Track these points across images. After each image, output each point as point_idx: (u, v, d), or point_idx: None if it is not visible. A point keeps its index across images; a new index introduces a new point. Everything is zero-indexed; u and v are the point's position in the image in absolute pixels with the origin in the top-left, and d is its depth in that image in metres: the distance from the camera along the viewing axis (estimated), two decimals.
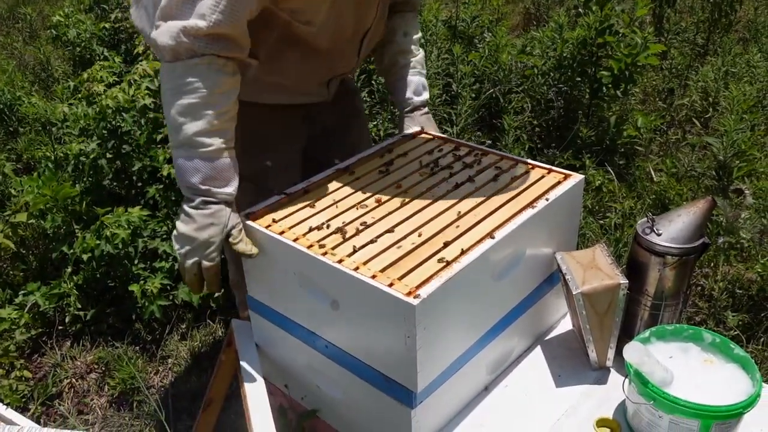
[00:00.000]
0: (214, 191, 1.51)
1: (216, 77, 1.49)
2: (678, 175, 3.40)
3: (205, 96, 1.48)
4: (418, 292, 1.32)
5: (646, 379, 1.42)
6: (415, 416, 1.44)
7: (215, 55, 1.48)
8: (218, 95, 1.50)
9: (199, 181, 1.50)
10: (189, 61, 1.48)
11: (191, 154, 1.50)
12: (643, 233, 1.60)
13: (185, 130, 1.49)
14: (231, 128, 1.54)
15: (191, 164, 1.51)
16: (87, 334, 2.62)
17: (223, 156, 1.52)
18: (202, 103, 1.49)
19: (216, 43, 1.48)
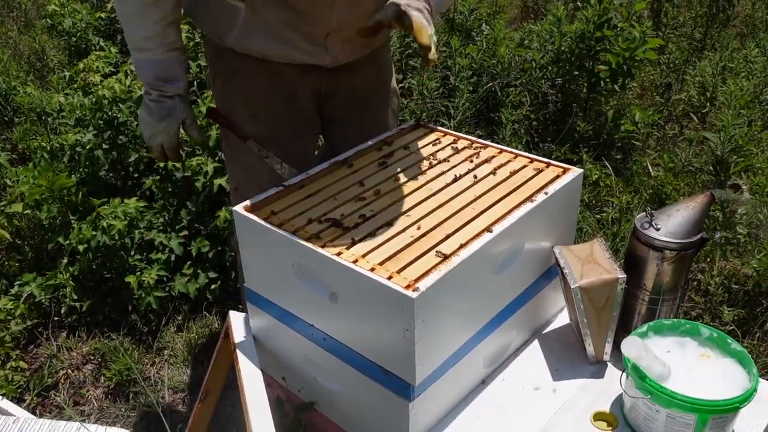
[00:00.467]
0: (166, 87, 1.78)
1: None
2: (675, 170, 3.41)
3: (140, 8, 1.69)
4: (417, 285, 1.32)
5: (643, 374, 1.42)
6: (413, 409, 1.44)
7: None
8: (150, 6, 1.68)
9: (152, 78, 1.77)
10: None
11: (142, 56, 1.76)
12: (641, 228, 1.60)
13: (132, 35, 1.75)
14: (172, 32, 1.75)
15: (143, 63, 1.76)
16: (83, 326, 2.61)
17: (168, 57, 1.76)
18: (137, 13, 1.70)
19: None
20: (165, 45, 1.74)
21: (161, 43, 1.73)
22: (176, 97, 1.80)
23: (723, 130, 2.92)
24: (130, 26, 1.74)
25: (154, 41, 1.73)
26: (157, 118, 1.80)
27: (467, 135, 1.93)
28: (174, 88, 1.79)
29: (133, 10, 1.70)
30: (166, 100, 1.79)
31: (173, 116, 1.81)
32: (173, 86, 1.79)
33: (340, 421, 1.67)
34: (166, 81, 1.77)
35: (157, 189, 2.78)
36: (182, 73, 1.81)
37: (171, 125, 1.82)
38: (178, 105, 1.81)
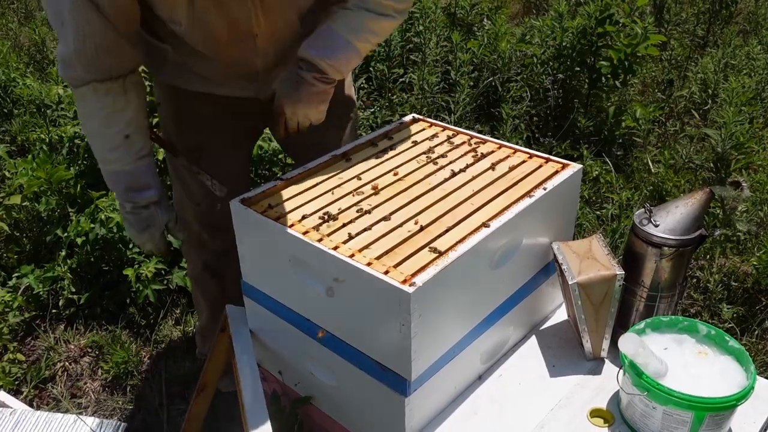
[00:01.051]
0: (138, 198, 1.69)
1: (104, 100, 1.56)
2: (676, 166, 3.40)
3: (101, 119, 1.59)
4: (414, 280, 1.31)
5: (640, 370, 1.41)
6: (408, 404, 1.43)
7: (96, 81, 1.52)
8: (113, 115, 1.58)
9: (123, 190, 1.68)
10: (78, 89, 1.55)
11: (108, 168, 1.66)
12: (640, 224, 1.59)
13: (96, 148, 1.66)
14: (138, 139, 1.63)
15: (111, 176, 1.67)
16: (81, 318, 2.60)
17: (137, 166, 1.65)
18: (100, 126, 1.60)
19: (91, 68, 1.51)
20: (131, 155, 1.64)
21: (127, 153, 1.63)
22: (151, 206, 1.71)
23: (724, 127, 2.91)
24: (94, 140, 1.66)
25: (119, 152, 1.62)
26: (138, 230, 1.73)
27: (467, 130, 1.92)
28: (147, 198, 1.69)
29: (96, 123, 1.60)
30: (141, 210, 1.70)
31: (153, 225, 1.73)
32: (146, 196, 1.69)
33: (336, 416, 1.67)
34: (137, 191, 1.68)
35: None
36: (153, 179, 1.70)
37: (153, 234, 1.74)
38: (155, 213, 1.72)
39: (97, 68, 1.51)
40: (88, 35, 1.45)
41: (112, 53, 1.51)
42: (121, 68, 1.55)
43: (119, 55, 1.53)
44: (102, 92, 1.54)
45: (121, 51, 1.53)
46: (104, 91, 1.54)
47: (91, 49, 1.47)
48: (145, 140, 1.66)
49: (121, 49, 1.52)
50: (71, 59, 1.49)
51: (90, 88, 1.53)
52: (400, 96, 3.77)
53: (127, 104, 1.58)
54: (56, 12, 1.46)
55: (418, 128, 1.94)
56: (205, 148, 1.88)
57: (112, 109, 1.57)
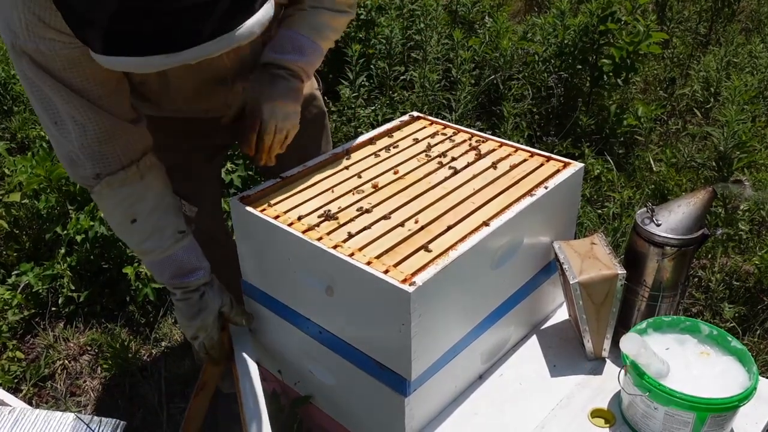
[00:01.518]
0: (186, 282, 1.55)
1: (123, 194, 1.45)
2: (678, 165, 3.38)
3: (123, 214, 1.48)
4: (414, 280, 1.30)
5: (642, 371, 1.40)
6: (408, 404, 1.43)
7: (109, 175, 1.42)
8: (135, 205, 1.47)
9: (168, 279, 1.55)
10: (94, 190, 1.45)
11: (147, 259, 1.54)
12: (642, 223, 1.58)
13: (130, 244, 1.55)
14: (170, 220, 1.51)
15: (153, 266, 1.55)
16: (80, 316, 2.59)
17: (177, 249, 1.53)
18: (126, 220, 1.48)
19: (99, 162, 1.41)
20: (165, 239, 1.50)
21: (161, 240, 1.50)
22: (202, 288, 1.57)
23: (727, 125, 2.89)
24: (124, 236, 1.55)
25: (152, 241, 1.50)
26: (189, 318, 1.58)
27: (468, 128, 1.91)
28: (196, 280, 1.55)
29: (121, 218, 1.48)
30: (191, 295, 1.56)
31: (204, 310, 1.58)
32: (194, 278, 1.55)
33: (336, 415, 1.66)
34: (183, 276, 1.54)
35: None
36: (198, 260, 1.56)
37: (206, 320, 1.58)
38: (207, 295, 1.57)
39: (106, 160, 1.41)
40: (88, 126, 1.35)
41: (116, 139, 1.40)
42: (130, 154, 1.44)
43: (123, 142, 1.42)
44: (117, 185, 1.43)
45: (126, 134, 1.43)
46: (119, 183, 1.43)
47: (95, 142, 1.38)
48: (178, 220, 1.53)
49: (126, 133, 1.42)
50: (77, 156, 1.39)
51: (104, 183, 1.42)
52: (401, 94, 3.75)
53: (146, 190, 1.47)
54: (50, 113, 1.35)
55: (418, 126, 1.93)
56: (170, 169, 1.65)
57: (133, 200, 1.46)
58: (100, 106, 1.36)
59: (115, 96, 1.39)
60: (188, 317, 1.58)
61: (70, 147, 1.39)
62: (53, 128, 1.38)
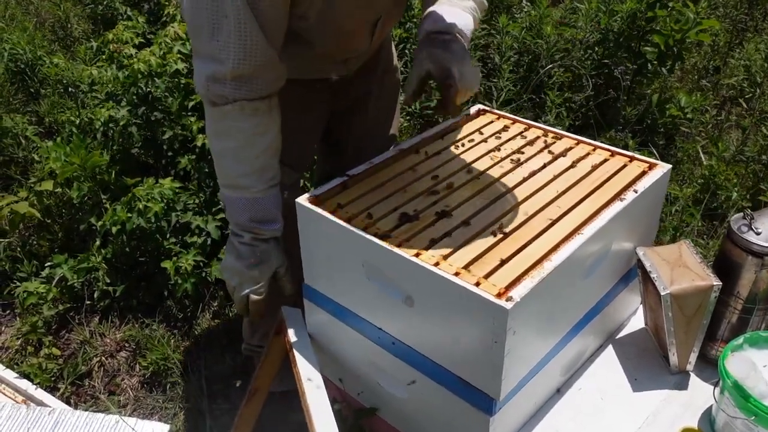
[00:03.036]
0: (262, 229, 1.53)
1: (250, 120, 1.45)
2: (726, 158, 3.26)
3: (242, 140, 1.47)
4: (510, 294, 1.20)
5: (747, 393, 1.30)
6: (493, 423, 1.33)
7: (245, 100, 1.43)
8: (256, 137, 1.47)
9: (246, 220, 1.52)
10: (222, 108, 1.44)
11: (236, 194, 1.51)
12: (738, 230, 1.47)
13: (228, 172, 1.51)
14: (274, 164, 1.52)
15: (237, 203, 1.52)
16: (116, 311, 2.51)
17: (267, 195, 1.52)
18: (240, 146, 1.47)
19: (244, 86, 1.42)
20: (264, 181, 1.50)
21: (260, 180, 1.50)
22: (272, 241, 1.55)
23: None
24: (226, 162, 1.51)
25: (252, 178, 1.49)
26: (248, 265, 1.53)
27: (540, 123, 1.80)
28: (271, 231, 1.54)
29: (236, 144, 1.48)
30: (260, 243, 1.53)
31: (266, 262, 1.54)
32: (270, 228, 1.53)
33: (405, 429, 1.57)
34: (261, 222, 1.52)
35: (193, 169, 2.67)
36: (279, 212, 1.56)
37: (263, 273, 1.55)
38: (274, 250, 1.55)
39: (251, 86, 1.42)
40: (250, 52, 1.37)
41: (268, 70, 1.42)
42: (272, 86, 1.46)
43: (272, 73, 1.44)
44: (249, 112, 1.43)
45: (275, 68, 1.44)
46: (251, 111, 1.44)
47: (251, 67, 1.39)
48: (278, 167, 1.54)
49: (275, 66, 1.44)
50: (224, 76, 1.39)
51: (237, 106, 1.42)
52: None
53: (270, 125, 1.48)
54: (214, 26, 1.36)
55: (485, 120, 1.82)
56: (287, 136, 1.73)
57: (257, 130, 1.46)
58: (268, 32, 1.38)
59: (280, 27, 1.43)
60: (247, 264, 1.53)
61: (220, 67, 1.38)
62: (208, 44, 1.38)
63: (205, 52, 1.40)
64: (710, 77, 4.14)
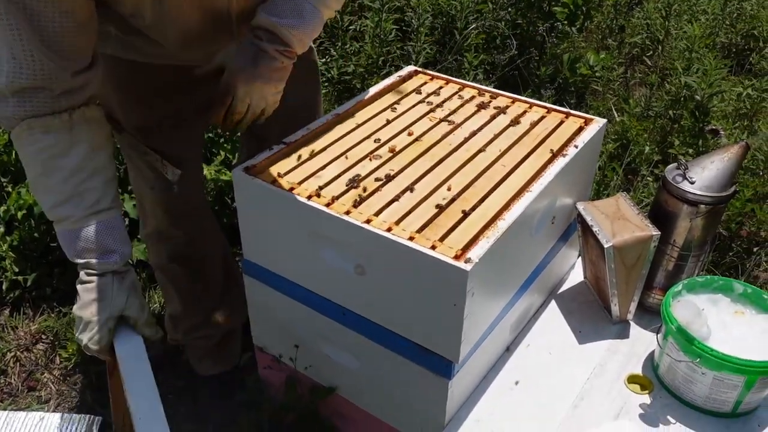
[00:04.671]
0: (93, 263, 1.27)
1: (43, 141, 1.22)
2: (635, 114, 3.38)
3: (40, 166, 1.24)
4: (468, 256, 1.18)
5: (691, 337, 1.35)
6: (451, 387, 1.32)
7: (33, 117, 1.20)
8: (56, 159, 1.23)
9: (74, 254, 1.28)
10: (14, 132, 1.23)
11: (58, 227, 1.29)
12: (673, 180, 1.51)
13: (42, 203, 1.29)
14: (96, 185, 1.27)
15: (61, 237, 1.29)
16: (28, 301, 2.33)
17: (89, 224, 1.26)
18: (41, 174, 1.25)
19: (27, 102, 1.19)
20: (83, 208, 1.25)
21: (77, 207, 1.25)
22: (107, 276, 1.27)
23: (705, 74, 2.88)
24: (37, 193, 1.30)
25: (67, 207, 1.25)
26: (80, 305, 1.28)
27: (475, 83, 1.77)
28: (104, 265, 1.27)
29: (36, 171, 1.25)
30: (93, 279, 1.27)
31: (101, 302, 1.26)
32: (104, 261, 1.27)
33: (358, 401, 1.54)
34: (92, 256, 1.27)
35: None
36: (117, 241, 1.28)
37: (98, 315, 1.26)
38: (109, 287, 1.27)
39: (36, 100, 1.19)
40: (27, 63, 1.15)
41: (54, 81, 1.19)
42: (67, 99, 1.22)
43: (62, 84, 1.21)
44: (40, 131, 1.21)
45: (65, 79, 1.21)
46: (42, 129, 1.21)
47: (29, 79, 1.17)
48: (105, 192, 1.28)
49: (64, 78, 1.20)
50: (2, 92, 1.18)
51: (24, 126, 1.20)
52: (352, 45, 3.56)
53: (73, 144, 1.23)
54: None
55: (419, 82, 1.78)
56: (155, 124, 1.55)
57: (54, 151, 1.23)
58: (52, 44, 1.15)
59: (75, 33, 1.18)
60: (79, 305, 1.28)
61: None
62: None
63: None
64: (615, 36, 4.27)
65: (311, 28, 1.35)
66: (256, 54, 1.33)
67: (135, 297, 1.31)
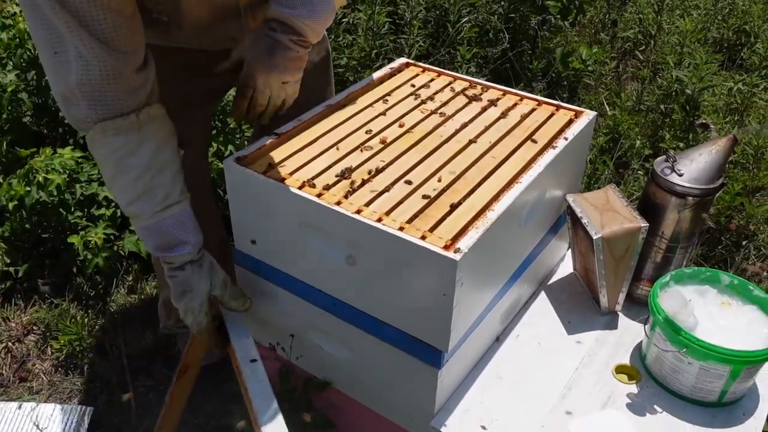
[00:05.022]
0: (171, 257, 1.38)
1: (115, 142, 1.28)
2: (627, 108, 3.39)
3: (113, 166, 1.31)
4: (458, 246, 1.19)
5: (678, 327, 1.37)
6: (441, 376, 1.33)
7: (106, 120, 1.26)
8: (127, 158, 1.30)
9: (153, 249, 1.39)
10: (89, 134, 1.29)
11: (136, 224, 1.38)
12: (662, 173, 1.53)
13: (120, 203, 1.37)
14: (164, 181, 1.34)
15: (141, 233, 1.39)
16: (19, 293, 2.33)
17: (162, 218, 1.35)
18: (115, 174, 1.32)
19: (98, 104, 1.25)
20: (153, 205, 1.33)
21: (148, 204, 1.33)
22: (187, 266, 1.39)
23: (696, 68, 2.90)
24: (114, 191, 1.37)
25: (139, 204, 1.33)
26: (175, 298, 1.41)
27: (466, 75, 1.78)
28: (179, 257, 1.37)
29: (111, 172, 1.32)
30: (177, 273, 1.39)
31: (190, 292, 1.40)
32: (176, 254, 1.37)
33: (350, 390, 1.55)
34: (168, 250, 1.37)
35: None
36: (187, 232, 1.37)
37: (190, 304, 1.40)
38: (192, 277, 1.39)
39: (104, 102, 1.25)
40: (92, 62, 1.19)
41: (120, 81, 1.24)
42: (133, 100, 1.28)
43: (128, 85, 1.26)
44: (111, 133, 1.27)
45: (131, 78, 1.26)
46: (114, 131, 1.27)
47: (96, 80, 1.22)
48: (174, 185, 1.35)
49: (130, 76, 1.26)
50: (74, 94, 1.23)
51: (98, 129, 1.27)
52: (345, 38, 3.55)
53: (141, 143, 1.30)
54: (52, 42, 1.19)
55: (410, 74, 1.79)
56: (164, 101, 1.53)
57: (125, 151, 1.29)
58: (110, 42, 1.19)
59: (127, 30, 1.22)
60: (175, 297, 1.41)
61: (67, 83, 1.23)
62: (52, 60, 1.21)
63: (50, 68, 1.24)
64: (607, 30, 4.28)
65: (323, 18, 1.39)
66: (271, 45, 1.36)
67: (217, 276, 1.43)
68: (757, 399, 1.44)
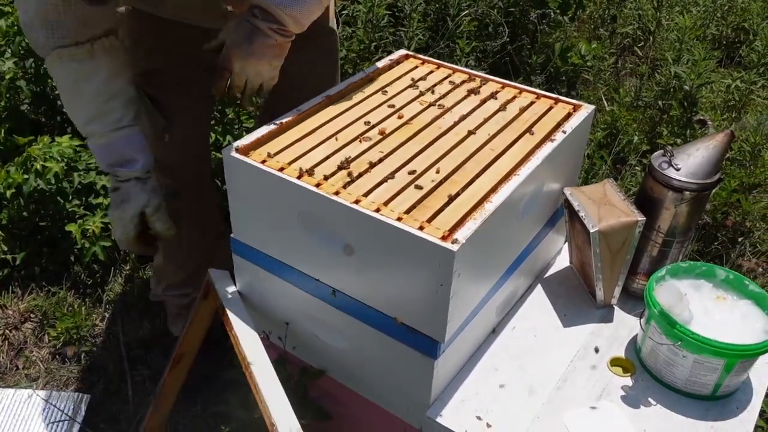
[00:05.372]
0: (119, 171, 1.52)
1: (70, 68, 1.44)
2: (625, 104, 3.40)
3: (68, 89, 1.47)
4: (455, 237, 1.19)
5: (673, 320, 1.37)
6: (437, 366, 1.34)
7: (61, 47, 1.41)
8: (80, 83, 1.45)
9: (105, 165, 1.53)
10: (46, 60, 1.45)
11: (90, 142, 1.52)
12: (659, 167, 1.53)
13: (75, 120, 1.52)
14: (115, 106, 1.48)
15: (94, 151, 1.53)
16: (17, 280, 2.33)
17: (116, 137, 1.49)
18: (71, 95, 1.48)
19: (56, 32, 1.39)
20: (107, 124, 1.48)
21: (102, 124, 1.47)
22: (132, 181, 1.52)
23: (695, 65, 2.90)
24: (70, 111, 1.52)
25: (94, 124, 1.48)
26: (112, 207, 1.55)
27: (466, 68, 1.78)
28: (128, 172, 1.51)
29: (67, 94, 1.48)
30: (120, 185, 1.52)
31: (127, 202, 1.52)
32: (128, 169, 1.51)
33: (346, 380, 1.55)
34: (119, 165, 1.51)
35: None
36: (138, 151, 1.52)
37: (124, 213, 1.52)
38: (134, 189, 1.52)
39: (59, 31, 1.39)
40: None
41: (72, 13, 1.37)
42: (87, 30, 1.41)
43: (82, 16, 1.39)
44: (66, 59, 1.42)
45: (84, 10, 1.37)
46: (68, 57, 1.42)
47: (50, 11, 1.36)
48: (125, 112, 1.49)
49: (84, 9, 1.37)
50: (32, 23, 1.38)
51: (55, 54, 1.41)
52: (345, 30, 3.55)
53: (95, 70, 1.44)
54: None
55: (410, 66, 1.79)
56: (158, 71, 1.70)
57: (78, 76, 1.43)
58: None
59: None
60: (112, 207, 1.56)
61: (27, 12, 1.38)
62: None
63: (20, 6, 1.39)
64: (606, 26, 4.29)
65: (306, 9, 1.39)
66: (251, 32, 1.39)
67: (154, 198, 1.54)
68: (751, 393, 1.45)
